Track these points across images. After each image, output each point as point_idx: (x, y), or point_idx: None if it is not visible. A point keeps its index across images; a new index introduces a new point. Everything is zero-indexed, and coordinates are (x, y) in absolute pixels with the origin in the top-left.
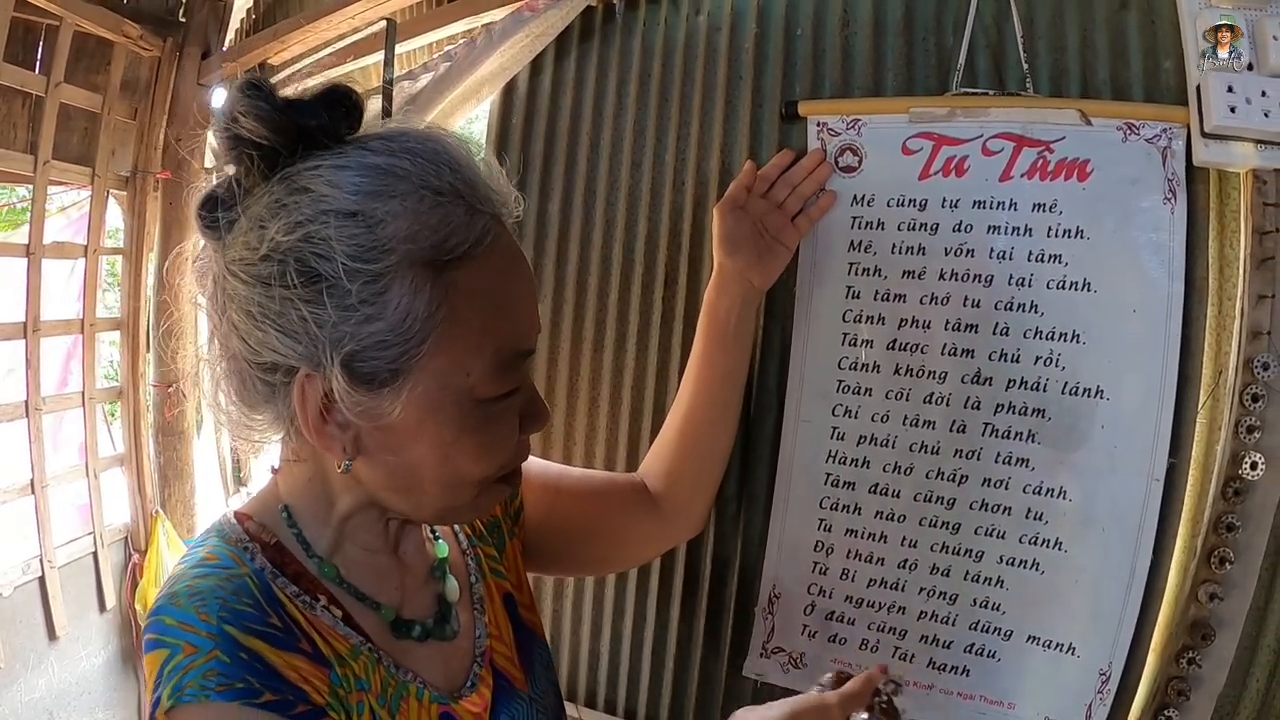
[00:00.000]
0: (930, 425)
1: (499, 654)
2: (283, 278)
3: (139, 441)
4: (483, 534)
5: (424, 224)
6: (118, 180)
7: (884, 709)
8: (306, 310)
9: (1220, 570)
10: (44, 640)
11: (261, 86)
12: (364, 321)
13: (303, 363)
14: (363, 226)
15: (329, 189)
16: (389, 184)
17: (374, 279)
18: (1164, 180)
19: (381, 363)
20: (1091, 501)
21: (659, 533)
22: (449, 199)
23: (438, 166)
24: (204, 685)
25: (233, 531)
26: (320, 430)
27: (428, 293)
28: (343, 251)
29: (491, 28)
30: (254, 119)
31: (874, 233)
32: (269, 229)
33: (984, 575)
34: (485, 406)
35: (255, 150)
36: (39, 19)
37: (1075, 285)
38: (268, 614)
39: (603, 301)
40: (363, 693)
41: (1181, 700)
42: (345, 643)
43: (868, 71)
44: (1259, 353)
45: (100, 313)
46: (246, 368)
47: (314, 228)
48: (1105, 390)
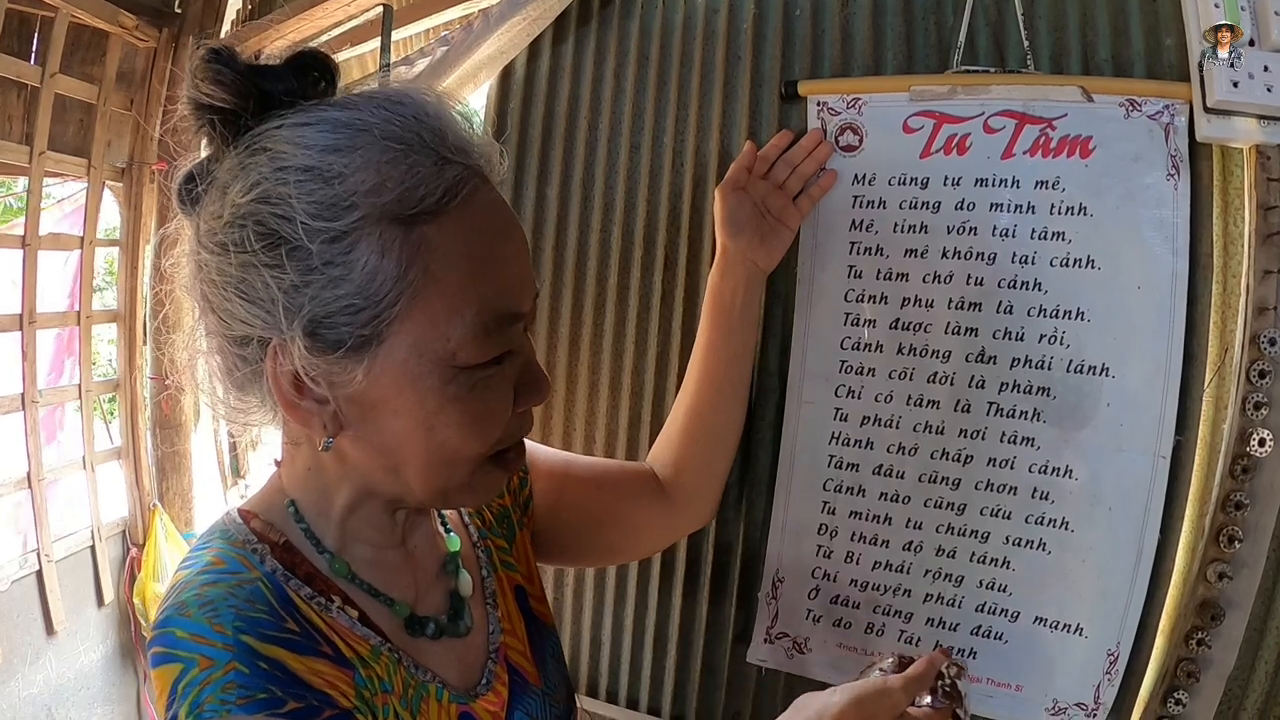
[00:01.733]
0: (934, 405)
1: (513, 649)
2: (242, 242)
3: (136, 435)
4: (492, 525)
5: (388, 176)
6: (113, 172)
7: (947, 692)
8: (269, 275)
9: (1229, 549)
10: (42, 635)
11: (221, 52)
12: (329, 285)
13: (271, 332)
14: (322, 182)
15: (287, 146)
16: (350, 137)
17: (337, 238)
18: (1167, 156)
19: (351, 328)
20: (1098, 480)
21: (669, 521)
22: (416, 149)
23: (403, 117)
24: (224, 700)
25: (239, 532)
26: (295, 406)
27: (397, 250)
28: (303, 210)
29: (488, 12)
30: (213, 83)
31: (876, 212)
32: (230, 193)
33: (990, 556)
34: (470, 374)
35: (217, 115)
36: (34, 10)
37: (1079, 262)
38: (284, 619)
39: (602, 285)
40: (387, 695)
41: (1190, 682)
42: (365, 644)
43: (867, 50)
44: (1265, 328)
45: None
46: (225, 345)
47: (271, 186)
48: (1110, 368)
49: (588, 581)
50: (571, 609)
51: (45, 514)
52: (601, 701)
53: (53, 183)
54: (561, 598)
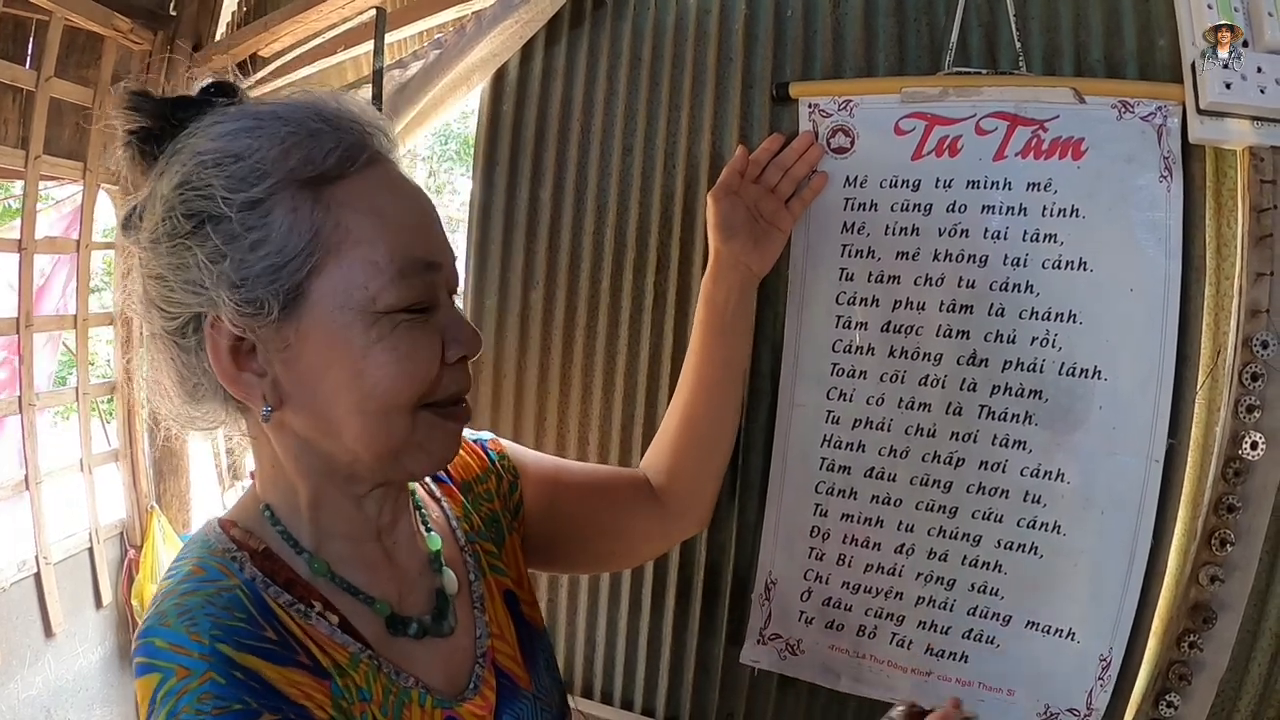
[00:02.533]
0: (926, 408)
1: (502, 654)
2: (173, 227)
3: (134, 437)
4: (480, 529)
5: (292, 145)
6: (109, 174)
7: None
8: (198, 249)
9: (1221, 552)
10: (40, 637)
11: (139, 90)
12: (251, 248)
13: (204, 306)
14: (234, 159)
15: (202, 140)
16: (256, 122)
17: (254, 204)
18: (1160, 158)
19: (276, 285)
20: (1090, 483)
21: (663, 528)
22: (314, 123)
23: (300, 105)
24: (200, 709)
25: (218, 541)
26: (236, 378)
27: (309, 210)
28: (220, 186)
29: (481, 14)
30: (129, 110)
31: (867, 214)
32: (159, 192)
33: (982, 559)
34: (391, 319)
35: (138, 138)
36: (29, 14)
37: (1071, 265)
38: (262, 627)
39: (594, 287)
40: (365, 703)
41: (1183, 685)
42: (344, 651)
43: (859, 52)
44: (1258, 331)
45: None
46: (171, 346)
47: (192, 172)
48: (1103, 371)
49: (582, 584)
50: (566, 611)
51: (43, 516)
52: (596, 702)
53: (49, 186)
54: (556, 599)
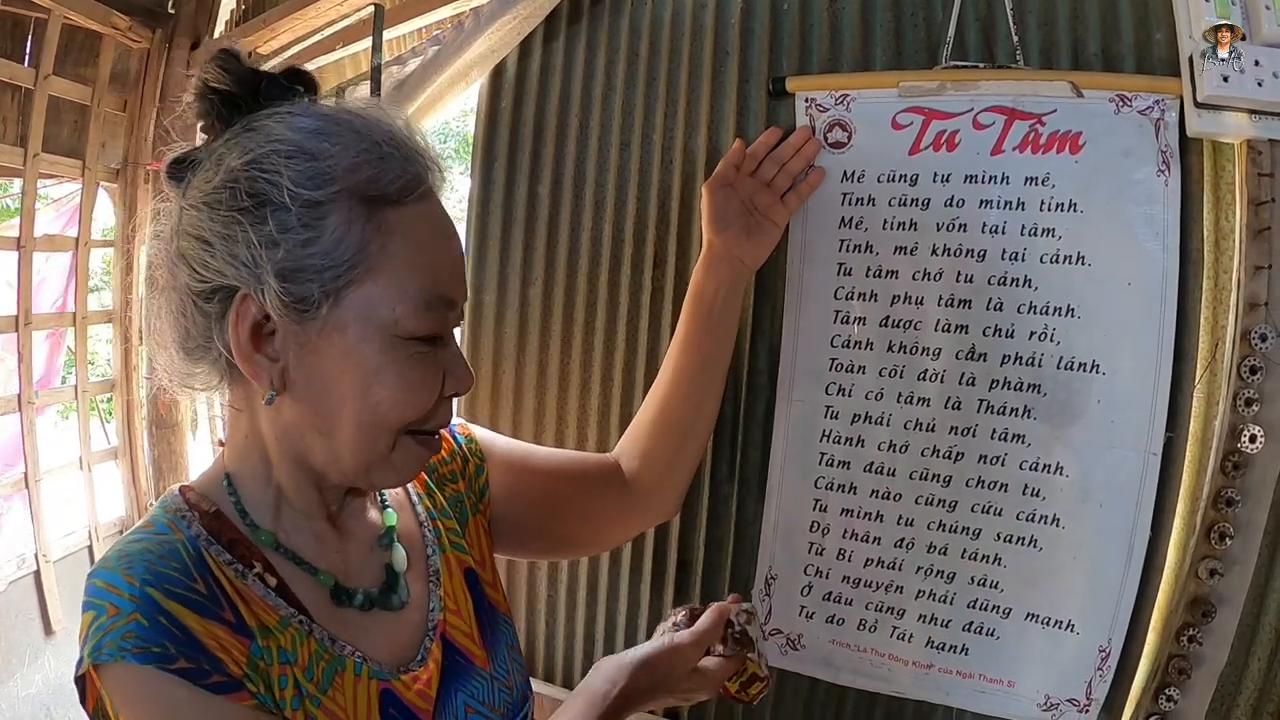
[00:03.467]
0: (925, 402)
1: (455, 629)
2: (234, 198)
3: (133, 435)
4: (444, 508)
5: (363, 161)
6: (108, 173)
7: (737, 638)
8: (251, 228)
9: (1220, 546)
10: (40, 635)
11: (233, 52)
12: (302, 244)
13: (242, 282)
14: (309, 158)
15: (281, 128)
16: (334, 129)
17: (314, 205)
18: (1157, 152)
19: (314, 285)
20: (1089, 477)
21: (630, 514)
22: (386, 146)
23: (377, 123)
24: (122, 646)
25: (174, 502)
26: (250, 357)
27: (361, 225)
28: (289, 177)
29: (479, 11)
30: (220, 69)
31: (865, 209)
32: (226, 160)
33: (982, 553)
34: (407, 345)
35: (219, 98)
36: (27, 12)
37: (1069, 259)
38: (194, 580)
39: (593, 283)
40: (287, 665)
41: (1182, 678)
42: (274, 614)
43: (856, 46)
44: (1256, 324)
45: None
46: (190, 303)
47: (264, 155)
48: (1101, 364)
49: (581, 579)
50: (565, 605)
51: (42, 514)
52: None
53: (48, 184)
54: (555, 594)
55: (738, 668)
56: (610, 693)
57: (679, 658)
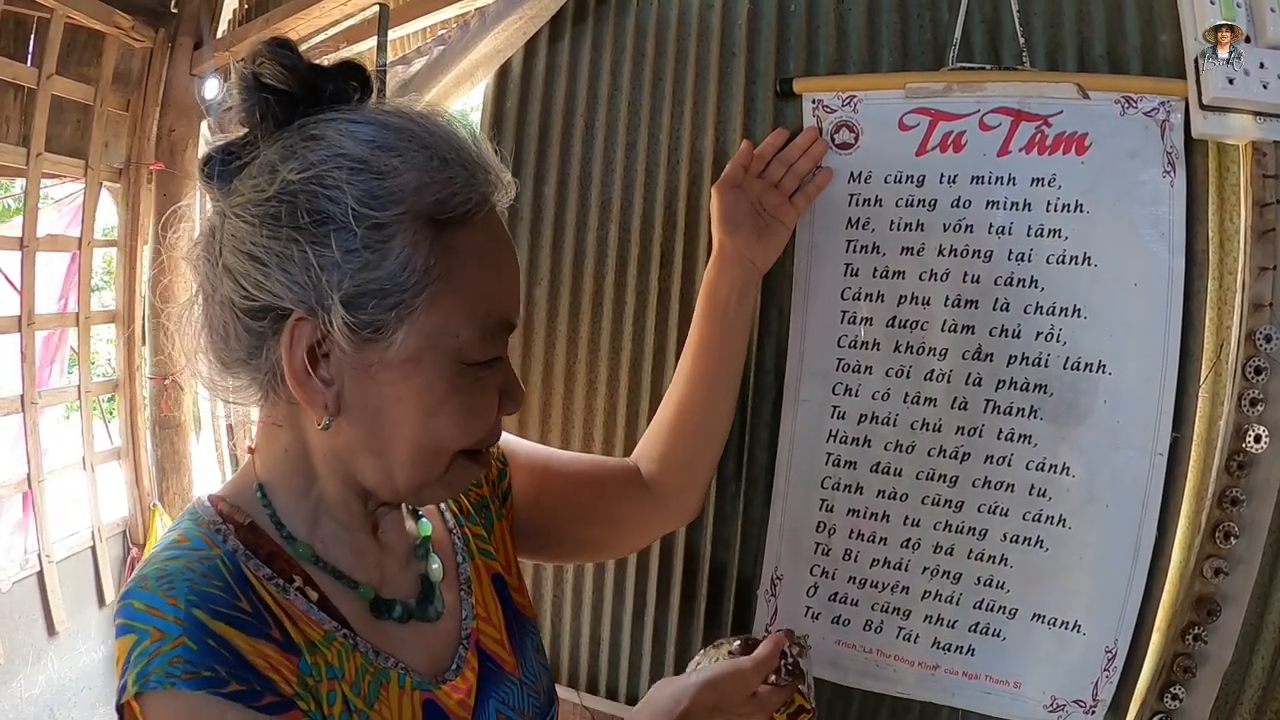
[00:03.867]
0: (931, 402)
1: (487, 636)
2: (292, 216)
3: (136, 435)
4: (470, 513)
5: (431, 180)
6: (111, 172)
7: (790, 670)
8: (311, 250)
9: (1225, 545)
10: (43, 636)
11: (289, 44)
12: (365, 267)
13: (298, 305)
14: (374, 175)
15: (343, 138)
16: (401, 142)
17: (379, 226)
18: (1163, 153)
19: (377, 311)
20: (1094, 477)
21: (651, 518)
22: (454, 163)
23: (445, 135)
24: (170, 673)
25: (205, 514)
26: (304, 382)
27: (427, 248)
28: (353, 195)
29: (485, 11)
30: (278, 65)
31: (872, 210)
32: (281, 171)
33: (988, 553)
34: (471, 371)
35: (274, 96)
36: (30, 11)
37: (1075, 259)
38: (238, 597)
39: (599, 283)
40: (335, 681)
41: (1187, 677)
42: (318, 629)
43: (863, 47)
44: (1261, 325)
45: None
46: (233, 318)
47: (328, 170)
48: (1107, 365)
49: (587, 578)
50: (571, 605)
51: (45, 515)
52: (601, 698)
53: (50, 184)
54: (562, 595)
55: (788, 698)
56: (674, 711)
57: (741, 681)
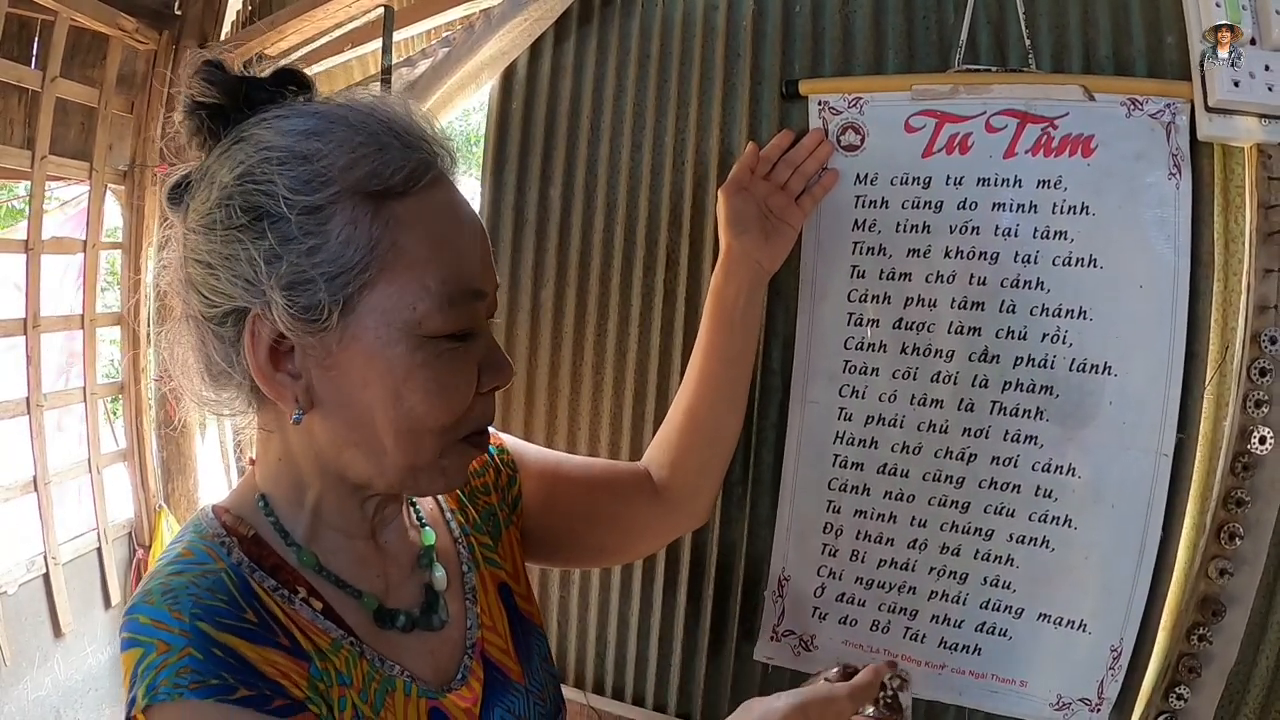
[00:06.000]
0: (938, 404)
1: (493, 645)
2: (230, 216)
3: (141, 436)
4: (476, 522)
5: (360, 156)
6: (115, 175)
7: (889, 703)
8: (252, 245)
9: (1230, 546)
10: (49, 637)
11: (214, 60)
12: (306, 253)
13: (251, 302)
14: (301, 161)
15: (269, 133)
16: (327, 125)
17: (314, 210)
18: (1168, 155)
19: (325, 294)
20: (1101, 478)
21: (662, 523)
22: (383, 136)
23: (373, 110)
24: (177, 684)
25: (209, 526)
26: (270, 378)
27: (368, 223)
28: (283, 185)
29: (490, 12)
30: (205, 82)
31: (878, 211)
32: (218, 177)
33: (994, 554)
34: (435, 344)
35: (207, 112)
36: (34, 14)
37: (1081, 261)
38: (243, 610)
39: (605, 285)
40: (344, 688)
41: (1193, 677)
42: (326, 637)
43: (869, 49)
44: (1266, 326)
45: None
46: (206, 330)
47: (255, 165)
48: (1113, 366)
49: (593, 580)
50: (577, 607)
51: (52, 517)
52: (608, 698)
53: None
54: (568, 596)
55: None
56: None
57: (834, 708)
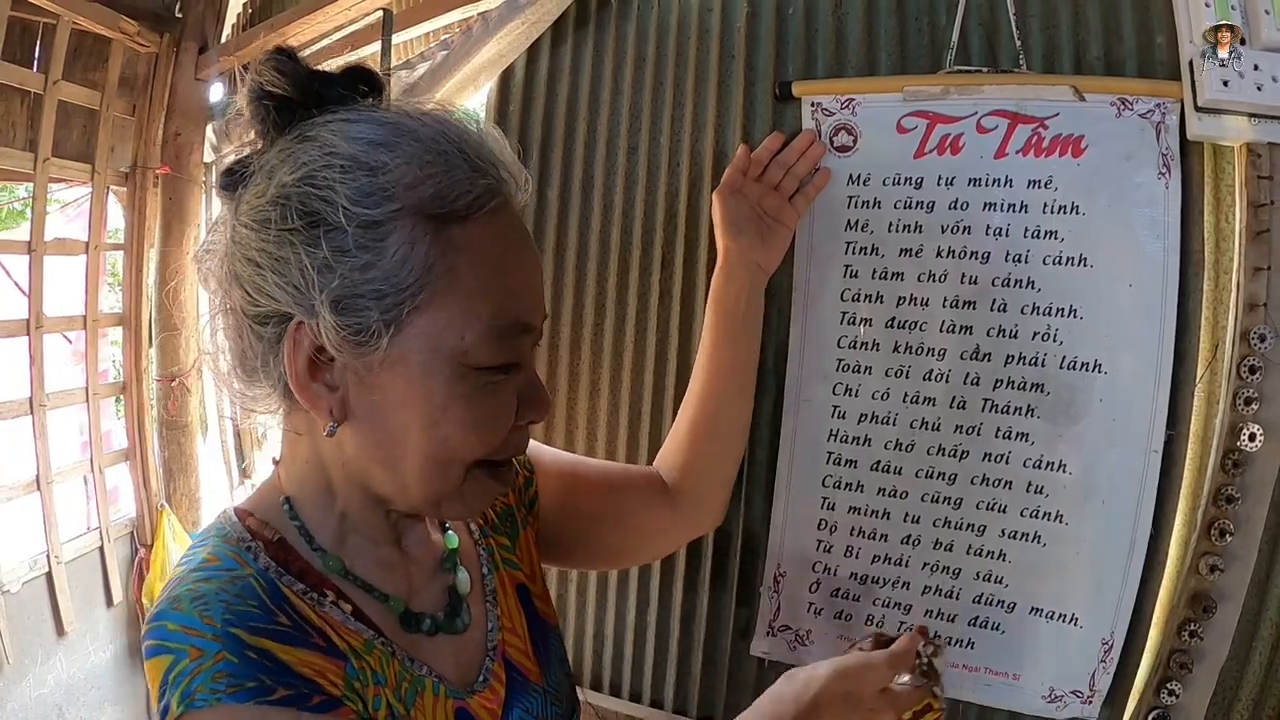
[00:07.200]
0: (930, 402)
1: (512, 647)
2: (285, 218)
3: (143, 436)
4: (495, 524)
5: (427, 174)
6: (117, 176)
7: (924, 670)
8: (304, 250)
9: (1220, 542)
10: (52, 636)
11: (289, 52)
12: (360, 268)
13: (295, 309)
14: (366, 172)
15: (336, 138)
16: (396, 137)
17: (373, 225)
18: (1158, 155)
19: (374, 312)
20: (1091, 474)
21: (676, 525)
22: (453, 156)
23: (445, 127)
24: (214, 688)
25: (234, 530)
26: (307, 387)
27: (426, 245)
28: (344, 195)
29: (487, 15)
30: (276, 72)
31: (870, 211)
32: (277, 174)
33: (986, 549)
34: (479, 376)
35: (273, 102)
36: (36, 17)
37: (1071, 261)
38: (275, 614)
39: (601, 286)
40: (379, 687)
41: (1184, 673)
42: (358, 637)
43: (861, 51)
44: (1256, 325)
45: None
46: (245, 326)
47: (318, 170)
48: (1103, 364)
49: (592, 578)
50: (575, 604)
51: (54, 516)
52: (605, 695)
53: (57, 188)
54: (565, 593)
55: (922, 699)
56: (804, 697)
57: (872, 673)
